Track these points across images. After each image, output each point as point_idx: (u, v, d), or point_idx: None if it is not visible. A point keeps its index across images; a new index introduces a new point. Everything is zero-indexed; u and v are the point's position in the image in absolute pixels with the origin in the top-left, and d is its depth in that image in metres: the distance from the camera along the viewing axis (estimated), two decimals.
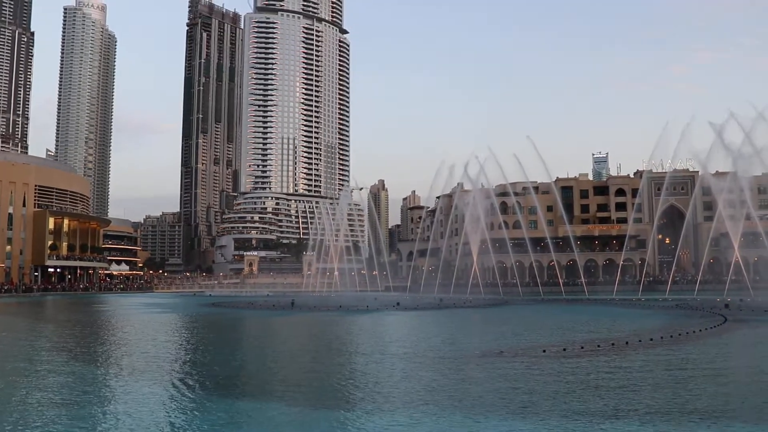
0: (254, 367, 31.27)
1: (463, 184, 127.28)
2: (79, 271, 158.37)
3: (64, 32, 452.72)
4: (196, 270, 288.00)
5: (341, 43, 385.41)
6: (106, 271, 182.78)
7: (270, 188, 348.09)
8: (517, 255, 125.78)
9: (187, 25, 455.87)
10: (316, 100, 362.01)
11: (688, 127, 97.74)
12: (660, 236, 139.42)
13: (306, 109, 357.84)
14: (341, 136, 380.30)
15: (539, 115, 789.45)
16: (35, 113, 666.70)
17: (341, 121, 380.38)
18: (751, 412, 19.38)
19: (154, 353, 35.59)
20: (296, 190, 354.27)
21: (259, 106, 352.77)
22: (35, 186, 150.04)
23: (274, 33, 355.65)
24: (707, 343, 36.97)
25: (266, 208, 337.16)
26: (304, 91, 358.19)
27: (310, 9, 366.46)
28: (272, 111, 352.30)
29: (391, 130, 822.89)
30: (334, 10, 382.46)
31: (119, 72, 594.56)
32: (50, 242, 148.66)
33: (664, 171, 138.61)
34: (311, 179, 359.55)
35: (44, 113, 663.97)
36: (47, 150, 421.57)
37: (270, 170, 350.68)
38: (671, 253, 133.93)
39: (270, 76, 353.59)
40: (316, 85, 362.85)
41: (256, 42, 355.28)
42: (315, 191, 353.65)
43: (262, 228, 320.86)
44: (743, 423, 17.90)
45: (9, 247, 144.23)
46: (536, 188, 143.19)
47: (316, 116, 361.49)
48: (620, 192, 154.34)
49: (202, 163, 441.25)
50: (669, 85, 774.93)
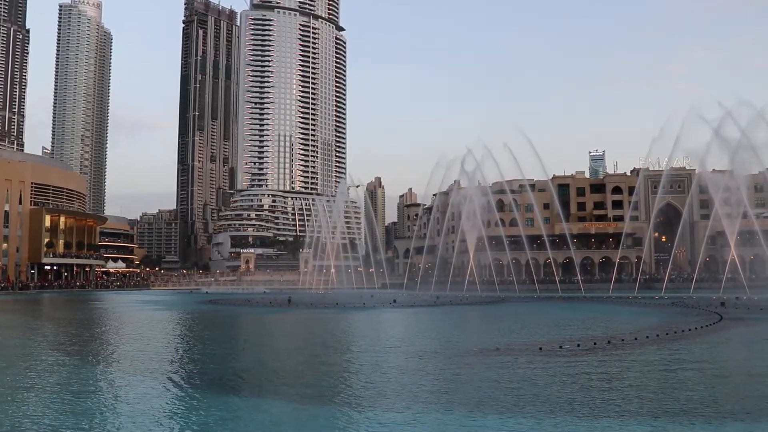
0: (251, 364, 31.27)
1: (459, 181, 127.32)
2: (75, 269, 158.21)
3: (59, 29, 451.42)
4: (193, 267, 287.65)
5: (337, 41, 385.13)
6: (102, 269, 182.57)
7: (266, 185, 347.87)
8: (513, 252, 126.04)
9: (183, 23, 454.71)
10: (312, 98, 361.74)
11: (684, 126, 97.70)
12: (656, 234, 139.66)
13: (302, 107, 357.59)
14: (338, 134, 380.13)
15: (537, 114, 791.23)
16: (31, 111, 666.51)
17: (338, 119, 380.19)
18: (747, 409, 19.45)
19: (151, 351, 35.57)
20: (293, 188, 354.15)
21: (256, 103, 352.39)
22: (31, 183, 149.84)
23: (270, 30, 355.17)
24: (703, 341, 37.06)
25: (263, 206, 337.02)
26: (301, 88, 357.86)
27: (307, 6, 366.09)
28: (269, 108, 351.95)
29: (388, 127, 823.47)
30: (330, 7, 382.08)
31: (115, 69, 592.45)
32: (47, 240, 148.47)
33: (660, 169, 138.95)
34: (308, 176, 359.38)
35: (40, 111, 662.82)
36: (43, 147, 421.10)
37: (266, 167, 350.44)
38: (668, 251, 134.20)
39: (266, 74, 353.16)
40: (313, 83, 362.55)
41: (253, 39, 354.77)
42: (312, 188, 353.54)
43: (259, 225, 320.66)
44: (739, 421, 17.97)
45: (5, 244, 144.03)
46: (533, 186, 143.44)
47: (312, 113, 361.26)
48: (617, 190, 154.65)
49: (199, 161, 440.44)
50: (666, 84, 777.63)
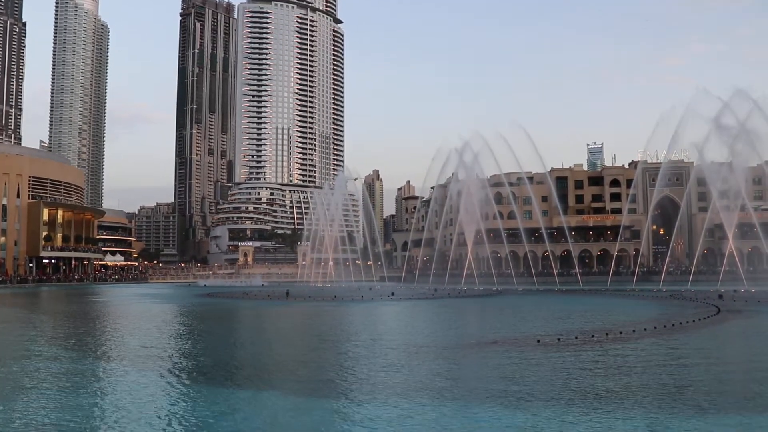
0: (249, 357, 31.26)
1: (457, 174, 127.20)
2: (73, 262, 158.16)
3: (56, 22, 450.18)
4: (191, 260, 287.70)
5: (335, 33, 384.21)
6: (100, 262, 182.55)
7: (264, 178, 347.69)
8: (511, 245, 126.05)
9: (180, 15, 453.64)
10: (310, 90, 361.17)
11: (683, 118, 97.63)
12: (654, 227, 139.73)
13: (300, 99, 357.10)
14: (336, 126, 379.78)
15: (535, 107, 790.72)
16: (28, 104, 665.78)
17: (336, 111, 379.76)
18: (745, 402, 19.46)
19: (149, 343, 35.54)
20: (291, 180, 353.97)
21: (254, 96, 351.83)
22: (29, 177, 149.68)
23: (267, 23, 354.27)
24: (701, 334, 37.10)
25: (261, 199, 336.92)
26: (299, 81, 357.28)
27: None
28: (266, 101, 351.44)
29: (386, 120, 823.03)
30: None
31: (112, 63, 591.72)
32: (45, 233, 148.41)
33: (659, 162, 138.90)
34: (306, 169, 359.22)
35: (37, 104, 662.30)
36: (41, 141, 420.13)
37: (264, 160, 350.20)
38: (665, 243, 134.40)
39: (264, 66, 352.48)
40: (311, 75, 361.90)
41: (250, 32, 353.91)
42: (309, 181, 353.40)
43: (257, 218, 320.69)
44: (737, 413, 17.97)
45: (3, 238, 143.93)
46: (531, 178, 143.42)
47: (310, 106, 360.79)
48: (615, 182, 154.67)
49: (197, 154, 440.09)
50: (665, 77, 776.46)
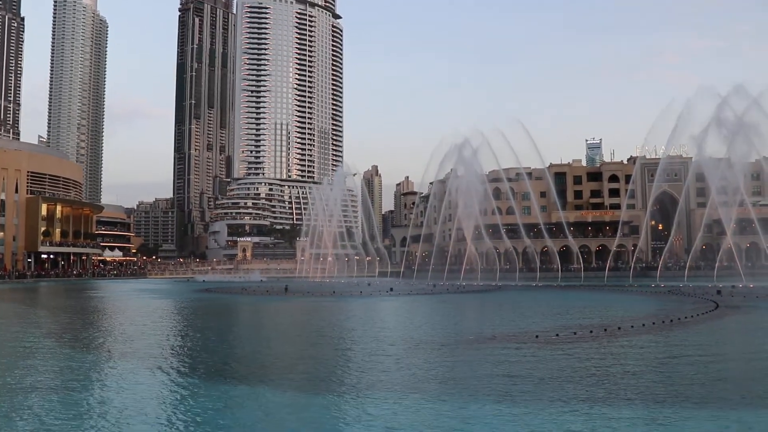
0: (247, 353, 31.25)
1: (456, 169, 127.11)
2: (72, 257, 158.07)
3: (54, 17, 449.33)
4: (190, 256, 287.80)
5: (334, 28, 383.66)
6: (99, 257, 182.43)
7: (263, 174, 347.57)
8: (510, 241, 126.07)
9: (179, 11, 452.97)
10: (309, 86, 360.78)
11: (682, 114, 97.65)
12: (653, 222, 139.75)
13: (299, 95, 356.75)
14: (334, 122, 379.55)
15: (536, 101, 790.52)
16: (27, 99, 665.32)
17: (334, 107, 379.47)
18: (743, 397, 19.48)
19: (147, 339, 35.53)
20: (289, 176, 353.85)
21: (252, 91, 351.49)
22: (28, 172, 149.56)
23: (266, 18, 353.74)
24: (699, 329, 37.13)
25: (259, 194, 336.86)
26: (297, 76, 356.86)
27: None
28: (265, 96, 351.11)
29: (385, 115, 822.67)
30: None
31: (111, 58, 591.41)
32: (43, 228, 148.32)
33: (657, 157, 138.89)
34: (304, 165, 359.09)
35: (36, 99, 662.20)
36: (39, 136, 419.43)
37: (263, 156, 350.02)
38: (664, 239, 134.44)
39: (263, 62, 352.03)
40: (309, 71, 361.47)
41: (249, 27, 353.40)
42: (308, 177, 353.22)
43: (256, 214, 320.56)
44: (734, 408, 17.99)
45: (2, 233, 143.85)
46: (530, 174, 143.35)
47: (309, 101, 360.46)
48: (613, 178, 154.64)
49: (195, 149, 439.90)
50: (664, 72, 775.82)
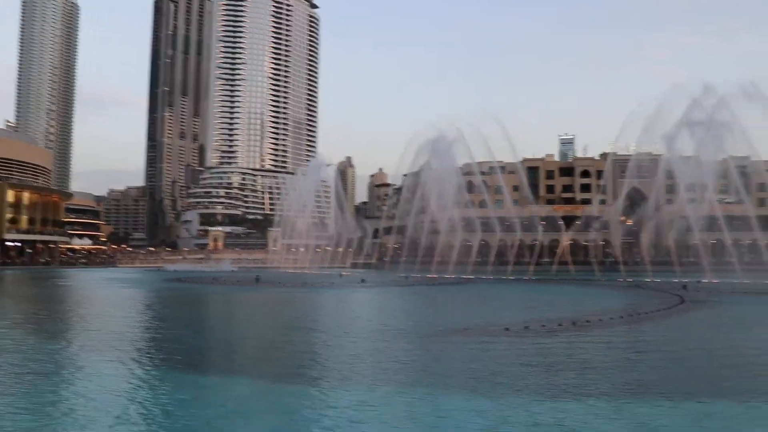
0: (218, 343, 31.17)
1: (430, 162, 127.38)
2: (39, 246, 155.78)
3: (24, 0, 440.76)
4: (161, 245, 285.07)
5: (311, 18, 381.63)
6: (67, 246, 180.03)
7: (236, 163, 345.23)
8: (483, 234, 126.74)
9: None
10: (284, 75, 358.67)
11: (654, 111, 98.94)
12: (623, 218, 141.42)
13: (274, 84, 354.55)
14: (309, 112, 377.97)
15: (523, 95, 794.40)
16: None
17: (309, 97, 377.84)
18: (706, 389, 19.88)
19: (116, 329, 35.22)
20: (263, 166, 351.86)
21: (227, 80, 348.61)
22: None
23: (242, 6, 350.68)
24: (665, 323, 37.78)
25: (232, 184, 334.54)
26: (273, 65, 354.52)
27: None
28: (240, 85, 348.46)
29: (360, 107, 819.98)
30: None
31: (83, 43, 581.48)
32: (10, 215, 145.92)
33: (629, 154, 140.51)
34: (278, 155, 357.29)
35: (4, 82, 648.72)
36: (7, 120, 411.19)
37: (236, 145, 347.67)
38: (633, 234, 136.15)
39: (238, 50, 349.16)
40: (285, 60, 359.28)
41: (225, 15, 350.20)
42: (282, 167, 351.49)
43: (228, 203, 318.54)
44: (698, 401, 18.36)
45: None
46: (503, 168, 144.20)
47: (284, 91, 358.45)
48: (585, 173, 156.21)
49: (168, 137, 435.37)
50: (652, 67, 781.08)
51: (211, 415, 17.04)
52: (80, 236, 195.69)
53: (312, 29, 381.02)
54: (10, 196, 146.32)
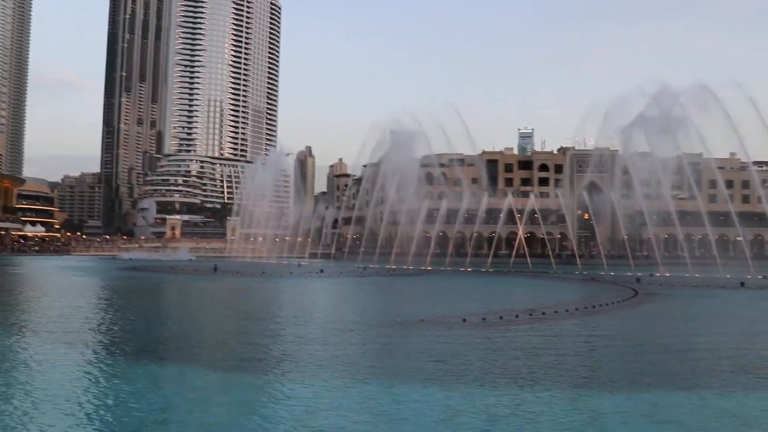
0: (173, 333, 30.81)
1: (390, 153, 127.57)
2: None
3: None
4: (116, 233, 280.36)
5: (272, 6, 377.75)
6: (19, 233, 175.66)
7: (195, 151, 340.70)
8: (441, 226, 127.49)
9: None
10: (245, 63, 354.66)
11: (612, 108, 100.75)
12: (580, 212, 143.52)
13: (234, 72, 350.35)
14: (269, 101, 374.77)
15: (471, 88, 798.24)
16: None
17: (270, 86, 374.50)
18: (658, 380, 20.33)
19: (67, 318, 34.54)
20: (222, 154, 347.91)
21: (186, 66, 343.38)
22: None
23: None
24: (619, 316, 38.57)
25: (190, 172, 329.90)
26: (233, 52, 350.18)
27: None
28: (199, 72, 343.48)
29: (321, 97, 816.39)
30: None
31: (36, 24, 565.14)
32: None
33: (586, 149, 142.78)
34: (237, 143, 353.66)
35: None
36: None
37: (195, 133, 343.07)
38: (590, 228, 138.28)
39: (198, 36, 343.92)
40: (246, 48, 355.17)
41: (184, 0, 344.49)
42: (241, 155, 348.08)
43: (186, 191, 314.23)
44: (649, 391, 18.77)
45: None
46: (462, 160, 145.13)
47: (244, 79, 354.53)
48: (543, 167, 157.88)
49: (125, 123, 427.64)
50: (597, 66, 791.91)
51: (165, 405, 16.84)
52: (33, 223, 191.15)
53: (273, 18, 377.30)
54: None
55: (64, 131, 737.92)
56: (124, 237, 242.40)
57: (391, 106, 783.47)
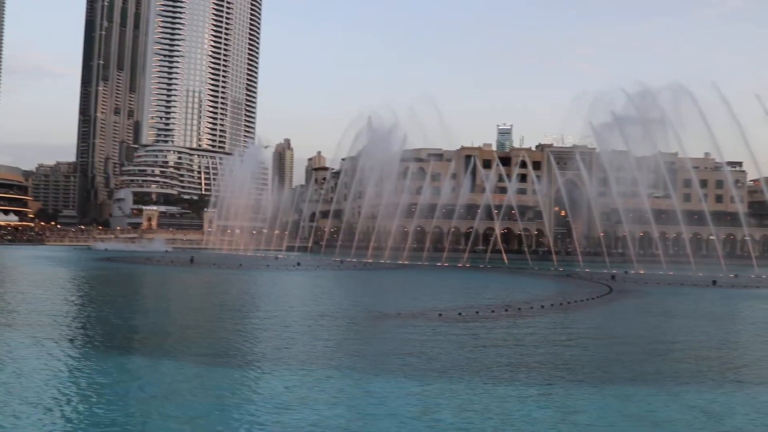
0: (149, 325, 30.60)
1: (368, 147, 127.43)
2: None
3: None
4: (92, 223, 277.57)
5: None
6: None
7: (172, 141, 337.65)
8: (419, 220, 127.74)
9: None
10: (224, 54, 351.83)
11: (590, 107, 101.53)
12: (557, 209, 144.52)
13: (213, 62, 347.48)
14: (248, 92, 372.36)
15: (453, 83, 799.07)
16: None
17: (249, 77, 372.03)
18: (632, 374, 20.62)
19: (41, 309, 34.17)
20: (200, 145, 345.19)
21: (165, 55, 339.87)
22: None
23: None
24: (593, 311, 38.94)
25: (168, 162, 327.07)
26: (213, 43, 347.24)
27: None
28: (178, 62, 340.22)
29: (300, 89, 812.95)
30: None
31: (10, 8, 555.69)
32: None
33: (564, 146, 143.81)
34: (216, 134, 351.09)
35: None
36: None
37: (173, 123, 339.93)
38: (566, 225, 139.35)
39: (177, 26, 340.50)
40: (225, 38, 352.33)
41: None
42: (219, 147, 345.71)
43: (163, 182, 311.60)
44: (623, 384, 19.03)
45: None
46: (440, 155, 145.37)
47: (223, 70, 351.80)
48: (522, 164, 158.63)
49: (102, 112, 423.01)
50: (578, 63, 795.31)
51: (140, 398, 16.76)
52: (5, 212, 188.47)
53: (254, 9, 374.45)
54: None
55: (39, 119, 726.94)
56: (100, 227, 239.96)
57: (371, 100, 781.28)
